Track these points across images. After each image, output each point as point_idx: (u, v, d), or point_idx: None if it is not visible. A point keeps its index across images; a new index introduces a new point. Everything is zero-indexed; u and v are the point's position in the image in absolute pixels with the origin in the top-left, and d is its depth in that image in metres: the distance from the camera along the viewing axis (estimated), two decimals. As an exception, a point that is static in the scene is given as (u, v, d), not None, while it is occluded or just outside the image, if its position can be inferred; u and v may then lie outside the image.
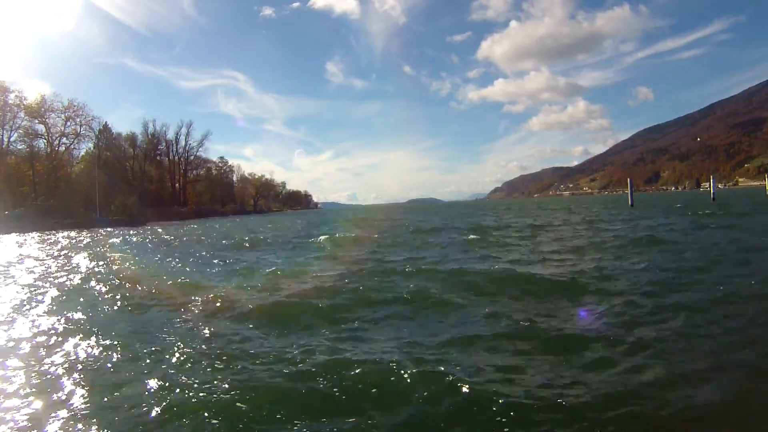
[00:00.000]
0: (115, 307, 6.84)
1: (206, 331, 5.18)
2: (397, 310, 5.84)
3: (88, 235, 31.31)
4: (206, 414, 3.12)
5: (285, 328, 5.23)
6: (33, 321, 5.99)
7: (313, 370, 3.75)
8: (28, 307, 6.93)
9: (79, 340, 4.97)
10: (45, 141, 61.41)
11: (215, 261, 12.47)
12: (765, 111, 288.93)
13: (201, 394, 3.40)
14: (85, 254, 16.10)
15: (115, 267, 11.91)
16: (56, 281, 9.60)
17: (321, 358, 4.03)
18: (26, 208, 46.97)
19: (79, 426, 3.05)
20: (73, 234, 32.95)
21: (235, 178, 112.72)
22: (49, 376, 3.91)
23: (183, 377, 3.75)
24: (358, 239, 18.07)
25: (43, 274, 10.82)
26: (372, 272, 8.78)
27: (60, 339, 5.08)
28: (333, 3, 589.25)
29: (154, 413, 3.15)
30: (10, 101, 56.89)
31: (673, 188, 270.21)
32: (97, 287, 8.64)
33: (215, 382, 3.60)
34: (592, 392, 3.24)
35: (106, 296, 7.75)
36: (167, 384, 3.61)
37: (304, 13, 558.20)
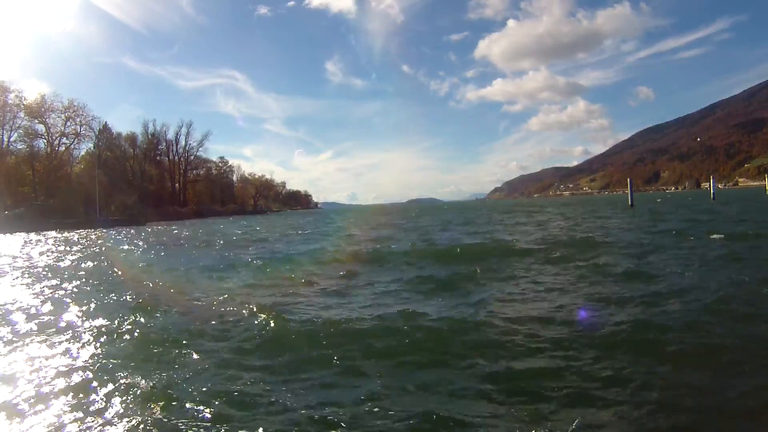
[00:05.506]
0: (115, 307, 6.82)
1: (201, 327, 5.17)
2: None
3: (88, 234, 31.29)
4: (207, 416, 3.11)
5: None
6: (32, 321, 5.97)
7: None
8: (27, 307, 6.91)
9: (78, 341, 4.96)
10: (45, 141, 61.70)
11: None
12: (765, 111, 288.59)
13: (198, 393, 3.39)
14: (85, 254, 16.09)
15: (115, 266, 11.90)
16: (56, 281, 9.58)
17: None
18: (26, 208, 46.95)
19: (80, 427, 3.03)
20: (73, 234, 32.92)
21: (235, 178, 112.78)
22: (46, 377, 3.90)
23: (186, 377, 3.74)
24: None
25: (43, 274, 10.80)
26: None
27: (58, 340, 5.07)
28: (329, 1, 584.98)
29: (152, 415, 3.14)
30: (9, 101, 57.10)
31: (673, 188, 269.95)
32: (97, 287, 8.62)
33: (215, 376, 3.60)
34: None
35: (106, 296, 7.72)
36: (166, 382, 3.59)
37: (300, 11, 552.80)
